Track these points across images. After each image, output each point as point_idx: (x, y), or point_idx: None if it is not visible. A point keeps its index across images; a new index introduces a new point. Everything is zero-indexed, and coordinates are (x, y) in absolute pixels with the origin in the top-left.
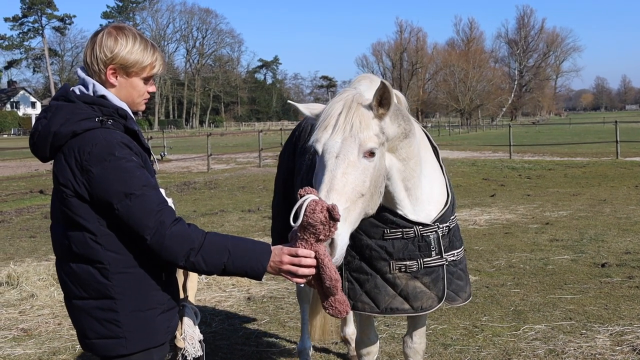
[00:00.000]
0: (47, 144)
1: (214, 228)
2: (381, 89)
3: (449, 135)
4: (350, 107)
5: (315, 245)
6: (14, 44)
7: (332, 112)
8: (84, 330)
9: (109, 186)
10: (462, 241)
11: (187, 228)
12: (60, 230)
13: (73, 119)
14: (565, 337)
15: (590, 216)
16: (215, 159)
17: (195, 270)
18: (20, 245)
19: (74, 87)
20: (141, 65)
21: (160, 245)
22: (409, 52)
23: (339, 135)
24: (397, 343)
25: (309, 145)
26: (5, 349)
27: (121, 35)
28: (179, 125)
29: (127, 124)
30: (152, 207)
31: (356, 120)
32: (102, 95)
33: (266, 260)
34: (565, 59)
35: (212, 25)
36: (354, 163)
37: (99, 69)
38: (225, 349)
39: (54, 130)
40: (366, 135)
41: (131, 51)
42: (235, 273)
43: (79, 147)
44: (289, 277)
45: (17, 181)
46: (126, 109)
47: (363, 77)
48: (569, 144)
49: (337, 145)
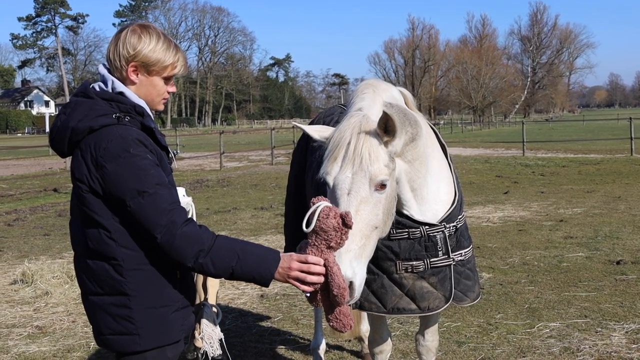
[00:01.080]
0: (65, 139)
1: (227, 226)
2: (383, 118)
3: (462, 133)
4: (358, 137)
5: (325, 253)
6: (27, 44)
7: (340, 143)
8: (99, 326)
9: (122, 183)
10: (471, 240)
11: (198, 229)
12: (77, 226)
13: (91, 115)
14: (581, 334)
15: (605, 213)
16: (227, 157)
17: (203, 272)
18: (34, 243)
19: (94, 84)
20: (162, 65)
21: (170, 244)
22: (421, 50)
23: (348, 170)
24: (411, 341)
25: (319, 177)
26: (20, 346)
27: (145, 33)
28: (192, 124)
29: (144, 121)
30: (164, 206)
31: (365, 153)
32: (120, 92)
33: (274, 267)
34: (578, 56)
35: (224, 23)
36: (366, 199)
37: (121, 65)
38: (239, 346)
39: (72, 125)
40: (376, 169)
41: (154, 50)
42: (243, 278)
43: (95, 143)
44: (296, 284)
45: (32, 179)
46: (143, 106)
47: (366, 85)
48: (582, 140)
49: (348, 181)
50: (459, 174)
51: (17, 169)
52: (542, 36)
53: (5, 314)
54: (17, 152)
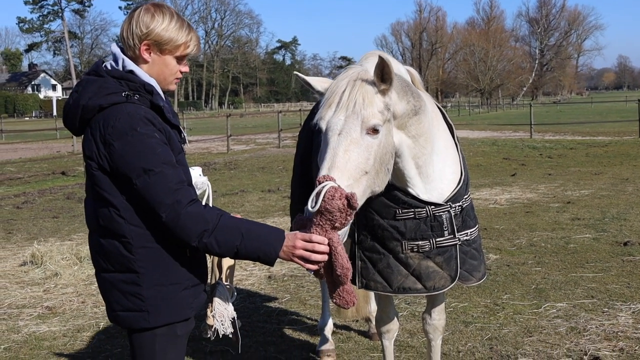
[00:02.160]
0: (76, 117)
1: (235, 208)
2: (380, 64)
3: (469, 115)
4: (354, 84)
5: (329, 233)
6: (34, 27)
7: (336, 90)
8: (111, 303)
9: (129, 161)
10: (477, 220)
11: (203, 209)
12: (90, 204)
13: (101, 93)
14: (587, 315)
15: (612, 195)
16: (234, 140)
17: (208, 252)
18: (43, 226)
19: (106, 62)
20: (175, 44)
21: (174, 223)
22: (428, 32)
23: (342, 113)
24: (418, 321)
25: (314, 122)
26: (31, 326)
27: (158, 12)
28: (199, 107)
29: (153, 99)
30: (169, 185)
31: (359, 97)
32: (130, 71)
33: (279, 246)
34: (587, 38)
35: (231, 6)
36: (357, 140)
37: (134, 44)
38: (247, 326)
39: (82, 103)
40: (369, 112)
41: (166, 28)
42: (247, 257)
43: (104, 121)
44: (301, 263)
45: (40, 163)
46: (153, 85)
47: (371, 53)
48: (590, 122)
49: (340, 123)
50: (467, 156)
51: (25, 153)
52: (550, 18)
53: (16, 295)
54: (25, 136)
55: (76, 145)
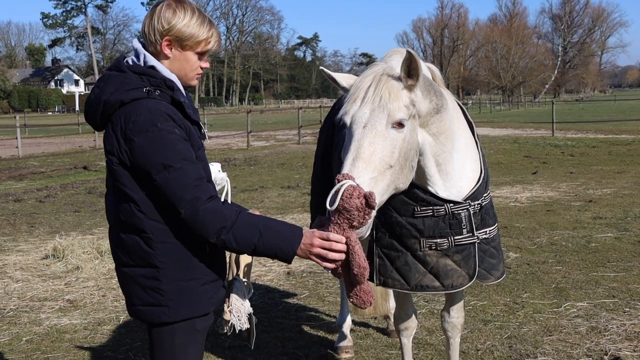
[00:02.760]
0: (98, 112)
1: (254, 204)
2: (408, 59)
3: (490, 113)
4: (379, 79)
5: (347, 231)
6: (57, 23)
7: (361, 85)
8: (131, 297)
9: (149, 156)
10: (496, 218)
11: (221, 206)
12: (111, 199)
13: (122, 89)
14: (608, 314)
15: (635, 194)
16: (254, 136)
17: (226, 248)
18: (65, 220)
19: (128, 58)
20: (196, 39)
21: (193, 219)
22: (450, 29)
23: (367, 107)
24: (437, 319)
25: (338, 118)
26: (52, 319)
27: (180, 8)
28: (219, 103)
29: (174, 95)
30: (189, 181)
31: (385, 92)
32: (151, 66)
33: (297, 243)
34: (611, 35)
35: (252, 2)
36: (382, 133)
37: (155, 39)
38: (266, 322)
39: (104, 98)
40: (395, 106)
41: (188, 24)
42: (265, 254)
43: (125, 116)
44: (318, 261)
45: (62, 157)
46: (174, 80)
47: (394, 51)
48: (613, 121)
49: (365, 116)
50: (487, 154)
51: (47, 147)
52: (573, 14)
53: (38, 288)
54: (48, 130)
55: (98, 140)
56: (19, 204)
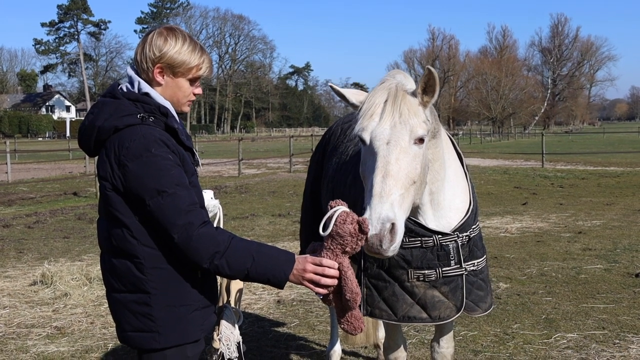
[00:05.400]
0: (91, 138)
1: (245, 232)
2: (427, 75)
3: (481, 144)
4: (396, 94)
5: (340, 257)
6: (50, 49)
7: (376, 101)
8: (121, 323)
9: (142, 182)
10: (485, 250)
11: (214, 231)
12: (103, 224)
13: (116, 115)
14: (598, 346)
15: (624, 226)
16: (246, 164)
17: (219, 274)
18: (54, 246)
19: (122, 85)
20: (188, 66)
21: (186, 245)
22: (441, 60)
23: (387, 123)
24: (427, 349)
25: (354, 134)
26: (39, 346)
27: (171, 35)
28: (211, 131)
29: (167, 121)
30: (182, 207)
31: (404, 108)
32: (145, 93)
33: (289, 269)
34: (599, 68)
35: (245, 31)
36: (406, 149)
37: (147, 67)
38: (255, 350)
39: (98, 125)
40: (416, 122)
41: (179, 51)
42: (258, 279)
43: (119, 142)
44: (310, 287)
45: (52, 183)
46: (168, 107)
47: (396, 71)
48: (602, 153)
49: (387, 132)
50: (477, 185)
51: (37, 173)
52: (563, 48)
53: (25, 315)
54: (38, 156)
55: (88, 166)
56: (8, 229)
